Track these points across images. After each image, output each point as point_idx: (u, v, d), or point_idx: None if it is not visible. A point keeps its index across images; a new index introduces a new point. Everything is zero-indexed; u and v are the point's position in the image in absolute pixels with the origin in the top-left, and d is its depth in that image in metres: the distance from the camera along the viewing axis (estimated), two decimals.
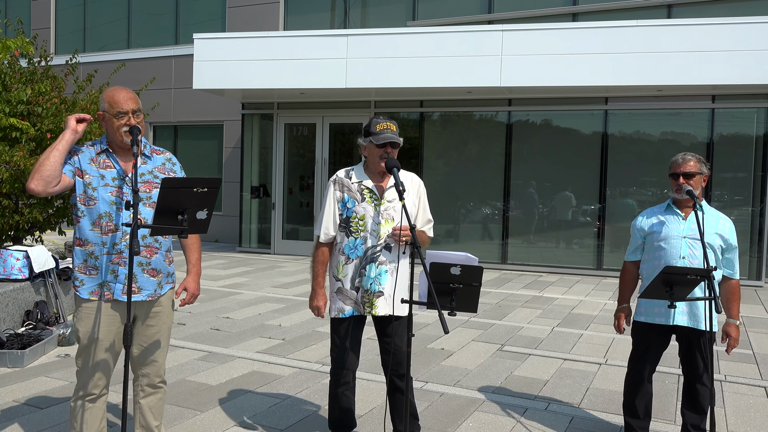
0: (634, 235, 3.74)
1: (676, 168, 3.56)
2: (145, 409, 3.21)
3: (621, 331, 3.75)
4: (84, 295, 2.98)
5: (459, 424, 4.06)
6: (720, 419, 4.26)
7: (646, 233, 3.66)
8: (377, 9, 12.86)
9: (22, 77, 7.61)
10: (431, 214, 3.55)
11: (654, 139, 10.30)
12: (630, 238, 3.83)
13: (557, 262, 10.77)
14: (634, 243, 3.75)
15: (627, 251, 3.81)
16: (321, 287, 3.42)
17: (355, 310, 3.34)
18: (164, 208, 2.54)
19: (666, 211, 3.65)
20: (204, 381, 4.76)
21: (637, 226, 3.71)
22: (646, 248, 3.69)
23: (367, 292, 3.31)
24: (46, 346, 5.32)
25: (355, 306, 3.34)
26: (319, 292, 3.41)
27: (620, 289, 3.80)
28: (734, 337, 3.54)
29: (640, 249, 3.73)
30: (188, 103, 14.52)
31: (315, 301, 3.42)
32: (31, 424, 3.87)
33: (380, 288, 3.30)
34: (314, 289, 3.42)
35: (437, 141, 11.39)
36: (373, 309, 3.30)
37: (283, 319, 6.88)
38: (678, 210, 3.61)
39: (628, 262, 3.79)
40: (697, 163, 3.54)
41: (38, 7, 16.52)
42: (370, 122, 3.32)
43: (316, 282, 3.41)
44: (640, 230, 3.69)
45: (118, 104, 2.92)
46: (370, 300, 3.30)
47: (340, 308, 3.35)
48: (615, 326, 3.77)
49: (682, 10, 10.87)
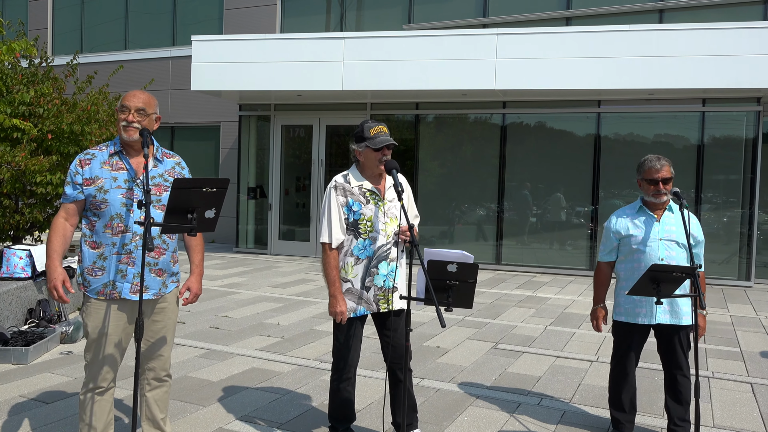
0: (609, 237, 3.84)
1: (654, 174, 3.68)
2: (151, 401, 3.32)
3: (600, 330, 3.89)
4: (92, 295, 3.09)
5: (454, 418, 4.19)
6: (707, 413, 4.40)
7: (622, 236, 3.78)
8: (373, 12, 12.99)
9: (23, 78, 7.71)
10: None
11: (646, 142, 10.46)
12: (603, 238, 3.94)
13: (551, 263, 10.91)
14: (609, 245, 3.85)
15: (600, 252, 3.92)
16: (340, 292, 3.39)
17: (367, 309, 3.45)
18: (175, 207, 2.66)
19: (638, 213, 3.78)
20: (205, 377, 4.87)
21: (612, 229, 3.82)
22: (621, 250, 3.81)
23: (381, 289, 3.43)
24: (49, 344, 5.42)
25: (366, 305, 3.45)
26: (339, 297, 3.38)
27: (595, 289, 3.90)
28: (702, 326, 3.69)
29: (615, 250, 3.85)
30: (185, 104, 14.61)
31: (337, 307, 3.38)
32: (38, 418, 3.97)
33: (394, 284, 3.45)
34: (334, 295, 3.39)
35: (432, 143, 11.53)
36: (390, 304, 3.43)
37: (281, 317, 6.99)
38: (650, 212, 3.75)
39: (603, 263, 3.90)
40: (670, 167, 3.70)
41: (36, 7, 16.58)
42: (363, 127, 3.41)
43: (335, 288, 3.39)
44: (615, 233, 3.80)
45: (125, 99, 3.08)
46: (385, 296, 3.43)
47: (351, 308, 3.46)
48: (594, 326, 3.90)
49: (674, 15, 11.05)
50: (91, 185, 3.05)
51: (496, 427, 4.06)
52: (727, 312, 7.92)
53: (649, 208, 3.78)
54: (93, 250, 3.08)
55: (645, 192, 3.74)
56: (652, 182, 3.68)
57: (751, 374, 5.33)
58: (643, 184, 3.74)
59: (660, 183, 3.66)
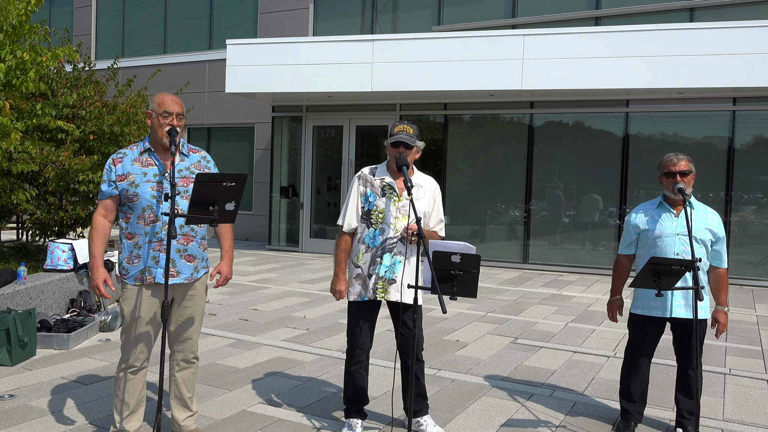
0: (628, 231, 3.98)
1: (671, 167, 3.79)
2: (179, 381, 3.58)
3: (615, 320, 4.01)
4: (130, 282, 3.37)
5: (466, 406, 4.35)
6: (718, 408, 4.47)
7: (641, 230, 3.90)
8: (404, 14, 13.19)
9: (67, 82, 8.14)
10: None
11: (675, 141, 10.41)
12: (623, 232, 4.06)
13: (577, 262, 10.94)
14: (628, 238, 3.98)
15: (620, 245, 4.05)
16: (343, 273, 3.73)
17: (366, 296, 3.67)
18: (197, 200, 2.90)
19: (658, 209, 3.89)
20: (232, 364, 5.14)
21: (632, 223, 3.95)
22: (640, 244, 3.93)
23: (381, 278, 3.63)
24: (89, 331, 5.77)
25: (367, 292, 3.67)
26: (341, 277, 3.72)
27: (613, 281, 4.04)
28: (722, 322, 3.77)
29: (634, 244, 3.98)
30: (221, 106, 15.05)
31: (337, 285, 3.72)
32: (77, 397, 4.29)
33: (393, 276, 3.63)
34: (337, 274, 3.74)
35: (461, 143, 11.67)
36: (386, 294, 3.63)
37: (308, 311, 7.24)
38: (670, 207, 3.85)
39: (622, 255, 4.03)
40: (688, 162, 3.79)
41: (80, 14, 17.27)
42: (393, 125, 3.69)
43: (339, 268, 3.73)
44: (635, 227, 3.93)
45: (166, 105, 3.33)
46: (383, 286, 3.63)
47: (358, 292, 3.69)
48: (609, 317, 4.03)
49: (704, 13, 10.96)
50: (123, 180, 3.33)
51: (506, 415, 4.21)
52: (754, 312, 7.87)
53: (668, 203, 3.88)
54: (129, 241, 3.36)
55: (665, 187, 3.84)
56: (670, 175, 3.78)
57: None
58: (663, 179, 3.85)
59: (677, 175, 3.76)
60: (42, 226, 8.15)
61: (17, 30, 5.96)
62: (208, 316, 6.80)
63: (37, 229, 8.22)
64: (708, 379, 5.10)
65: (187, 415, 3.60)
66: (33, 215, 8.02)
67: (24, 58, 5.90)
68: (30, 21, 6.14)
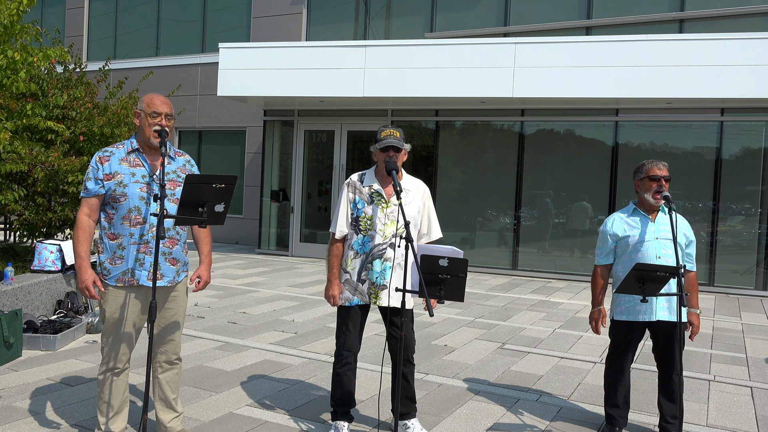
0: (606, 240, 3.96)
1: (657, 171, 3.84)
2: (163, 383, 3.57)
3: (599, 332, 4.03)
4: (111, 283, 3.35)
5: (453, 410, 4.37)
6: (701, 413, 4.51)
7: (619, 237, 3.91)
8: (397, 20, 13.25)
9: (58, 83, 8.12)
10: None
11: (664, 151, 10.51)
12: (599, 242, 4.07)
13: (566, 269, 11.00)
14: (606, 248, 3.97)
15: (597, 256, 4.03)
16: (336, 278, 3.75)
17: (360, 300, 3.70)
18: (187, 201, 2.91)
19: (633, 215, 3.93)
20: (220, 367, 5.13)
21: (609, 232, 3.95)
22: (619, 252, 3.94)
23: (373, 284, 3.66)
24: (76, 333, 5.74)
25: (360, 296, 3.70)
26: (334, 282, 3.74)
27: (594, 292, 4.02)
28: (696, 324, 3.82)
29: (612, 253, 3.98)
30: (213, 110, 15.04)
31: (331, 290, 3.74)
32: (63, 399, 4.27)
33: (384, 282, 3.65)
34: (330, 279, 3.76)
35: (452, 149, 11.72)
36: (378, 300, 3.66)
37: (296, 315, 7.24)
38: (644, 213, 3.90)
39: (600, 266, 4.02)
40: (667, 168, 3.87)
41: (72, 15, 17.22)
42: (378, 131, 3.72)
43: (332, 273, 3.75)
44: (613, 235, 3.94)
45: (155, 105, 3.33)
46: (376, 292, 3.66)
47: (347, 297, 3.71)
48: (593, 328, 4.03)
49: (694, 25, 11.09)
50: (111, 180, 3.32)
51: (492, 420, 4.23)
52: (739, 320, 7.95)
53: (642, 209, 3.92)
54: (112, 242, 3.34)
55: (646, 190, 3.85)
56: (654, 179, 3.81)
57: (753, 379, 5.41)
58: (644, 183, 3.85)
59: (662, 180, 3.80)
60: (30, 226, 8.11)
61: (8, 30, 5.95)
62: (196, 319, 6.78)
63: (25, 229, 8.17)
64: (692, 386, 5.14)
65: (173, 416, 3.60)
66: (21, 216, 7.98)
67: (15, 58, 5.89)
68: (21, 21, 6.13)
